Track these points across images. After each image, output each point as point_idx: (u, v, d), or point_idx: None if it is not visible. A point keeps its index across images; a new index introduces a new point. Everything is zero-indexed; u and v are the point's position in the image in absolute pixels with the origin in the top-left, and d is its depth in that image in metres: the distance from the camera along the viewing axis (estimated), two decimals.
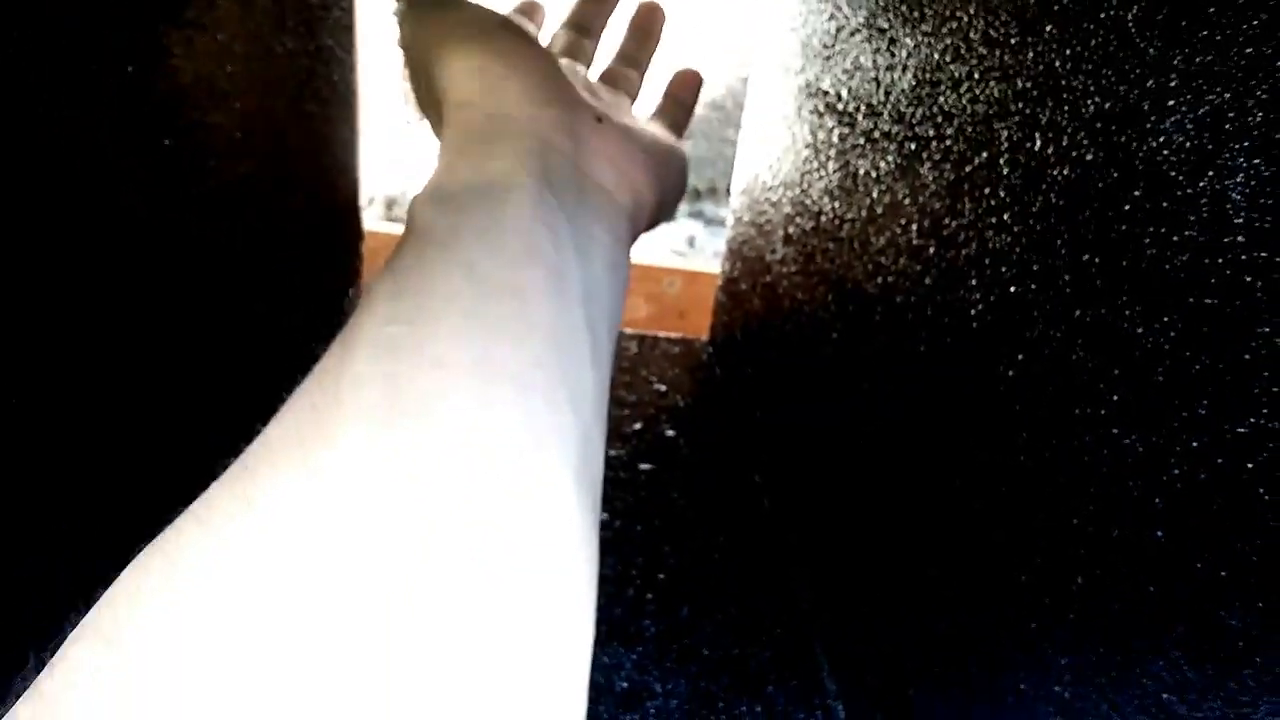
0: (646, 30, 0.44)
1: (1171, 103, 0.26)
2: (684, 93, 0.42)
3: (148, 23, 0.39)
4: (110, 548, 0.45)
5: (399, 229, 0.81)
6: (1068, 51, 0.29)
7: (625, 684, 0.46)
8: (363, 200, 0.72)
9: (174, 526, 0.21)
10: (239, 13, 0.44)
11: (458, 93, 0.32)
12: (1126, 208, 0.27)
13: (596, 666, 0.46)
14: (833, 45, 0.46)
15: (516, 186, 0.27)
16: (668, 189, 0.35)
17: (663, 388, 0.67)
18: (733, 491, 0.58)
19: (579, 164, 0.31)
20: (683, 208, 1.27)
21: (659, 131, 0.37)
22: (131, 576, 0.20)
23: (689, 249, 1.20)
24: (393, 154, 1.16)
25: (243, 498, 0.21)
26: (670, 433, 0.62)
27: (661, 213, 0.35)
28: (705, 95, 1.18)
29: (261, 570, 0.19)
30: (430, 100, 0.35)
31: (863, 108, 0.42)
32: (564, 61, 0.40)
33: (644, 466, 0.58)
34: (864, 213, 0.42)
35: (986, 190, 0.33)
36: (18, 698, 0.19)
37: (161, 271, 0.43)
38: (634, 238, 0.33)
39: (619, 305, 0.30)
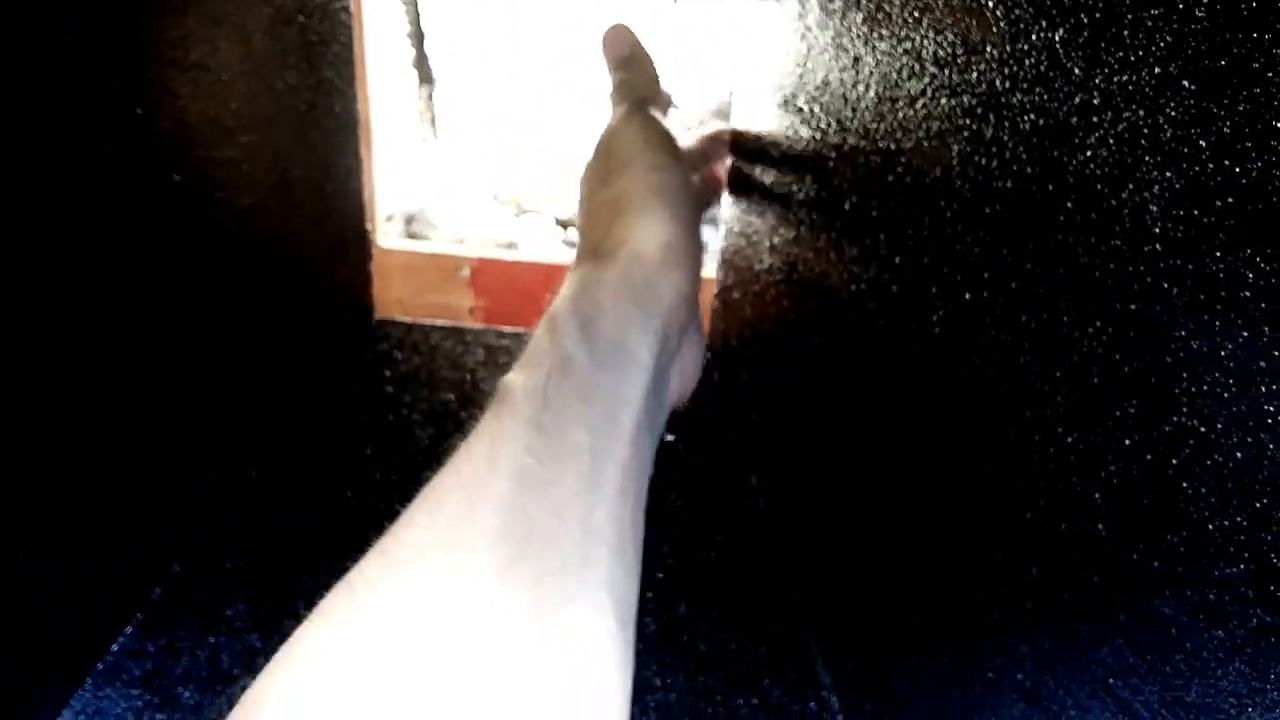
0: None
1: (1095, 119, 0.27)
2: None
3: (154, 66, 0.41)
4: (138, 575, 0.48)
5: (418, 245, 0.84)
6: (1006, 70, 0.31)
7: None
8: (381, 218, 0.74)
9: (345, 582, 0.28)
10: (241, 52, 0.47)
11: (648, 236, 0.37)
12: (1061, 219, 0.29)
13: None
14: (804, 63, 0.47)
15: (642, 365, 0.34)
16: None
17: None
18: (730, 493, 0.60)
19: (672, 361, 0.37)
20: None
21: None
22: (320, 621, 0.26)
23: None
24: (410, 173, 1.19)
25: (392, 575, 0.27)
26: (669, 437, 0.64)
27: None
28: (710, 101, 1.19)
29: (410, 630, 0.25)
30: (605, 195, 0.40)
31: (833, 123, 0.43)
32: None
33: None
34: (838, 224, 0.44)
35: (941, 203, 0.35)
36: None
37: (172, 300, 0.46)
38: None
39: None
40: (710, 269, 0.77)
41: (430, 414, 0.65)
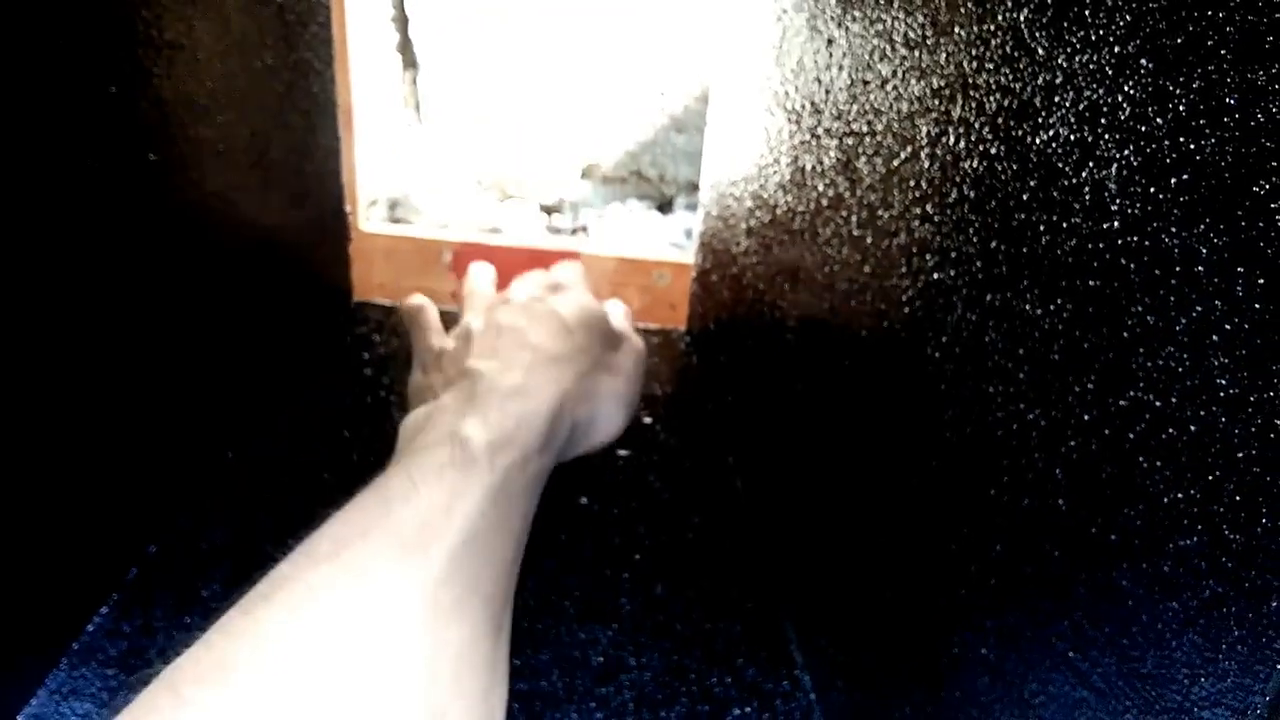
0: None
1: (1057, 98, 0.28)
2: None
3: (127, 44, 0.41)
4: (115, 555, 0.48)
5: (400, 229, 0.84)
6: (973, 51, 0.31)
7: (601, 658, 0.48)
8: (365, 203, 0.74)
9: (240, 609, 0.28)
10: (217, 31, 0.47)
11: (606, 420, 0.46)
12: (1024, 197, 0.29)
13: (573, 643, 0.49)
14: (780, 46, 0.47)
15: (541, 486, 0.38)
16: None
17: None
18: (706, 475, 0.61)
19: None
20: (680, 200, 1.28)
21: None
22: (204, 649, 0.27)
23: (686, 240, 1.22)
24: (393, 158, 1.19)
25: (345, 569, 0.29)
26: (647, 419, 0.64)
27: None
28: (695, 89, 1.19)
29: (304, 669, 0.26)
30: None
31: (807, 106, 0.44)
32: None
33: (621, 452, 0.61)
34: (811, 205, 0.44)
35: (911, 183, 0.35)
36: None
37: (147, 281, 0.46)
38: None
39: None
40: (689, 253, 0.77)
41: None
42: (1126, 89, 0.25)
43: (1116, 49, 0.25)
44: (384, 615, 0.27)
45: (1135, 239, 0.25)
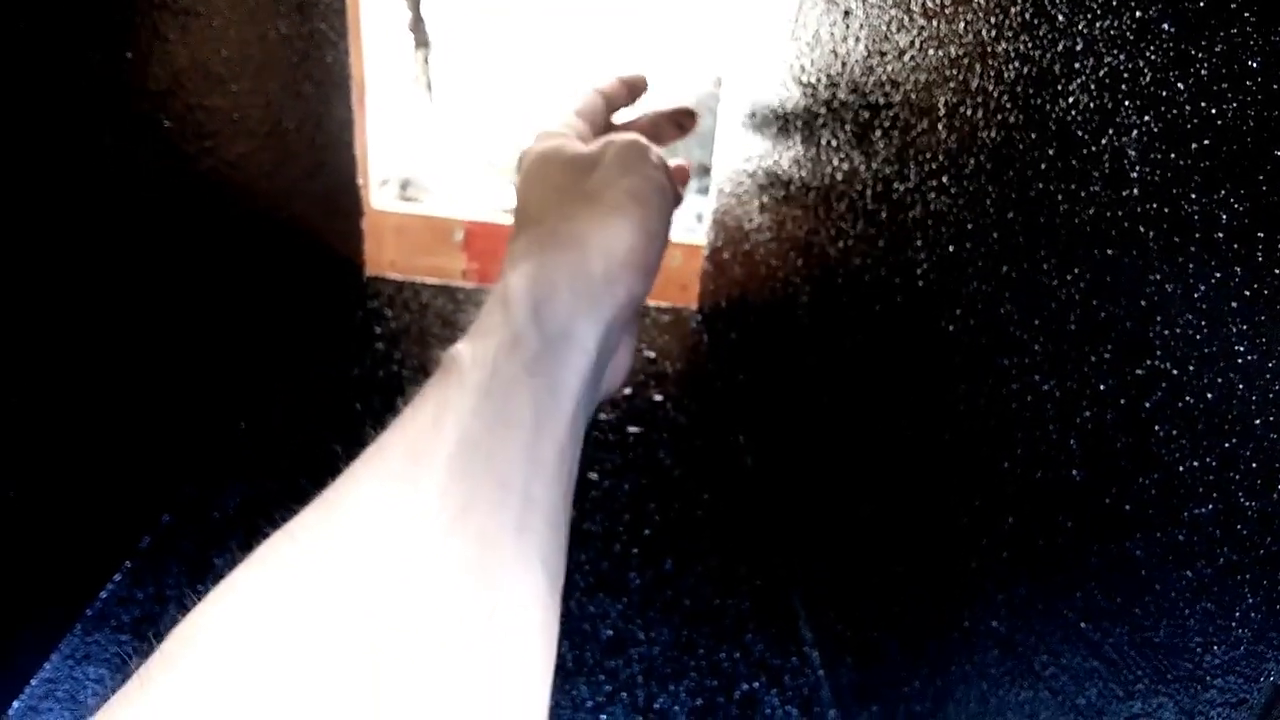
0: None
1: (1077, 65, 0.27)
2: None
3: (144, 11, 0.41)
4: (129, 524, 0.48)
5: (412, 207, 0.84)
6: (992, 19, 0.31)
7: (610, 632, 0.48)
8: (376, 182, 0.74)
9: (285, 530, 0.28)
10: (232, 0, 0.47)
11: (617, 236, 0.38)
12: (1043, 166, 0.29)
13: (584, 616, 0.49)
14: (796, 20, 0.47)
15: (586, 353, 0.35)
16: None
17: (652, 354, 0.70)
18: (716, 452, 0.61)
19: (611, 355, 0.38)
20: (692, 183, 1.28)
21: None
22: (257, 564, 0.27)
23: (698, 224, 1.22)
24: (405, 136, 1.19)
25: (332, 525, 0.28)
26: (658, 397, 0.65)
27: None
28: (711, 74, 1.19)
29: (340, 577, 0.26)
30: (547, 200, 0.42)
31: (823, 79, 0.43)
32: None
33: (632, 429, 0.61)
34: (826, 180, 0.44)
35: (928, 154, 0.35)
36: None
37: (162, 250, 0.46)
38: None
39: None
40: (701, 232, 0.77)
41: (420, 370, 0.65)
42: (1148, 54, 0.25)
43: (1138, 13, 0.25)
44: (364, 545, 0.26)
45: (1155, 206, 0.25)
